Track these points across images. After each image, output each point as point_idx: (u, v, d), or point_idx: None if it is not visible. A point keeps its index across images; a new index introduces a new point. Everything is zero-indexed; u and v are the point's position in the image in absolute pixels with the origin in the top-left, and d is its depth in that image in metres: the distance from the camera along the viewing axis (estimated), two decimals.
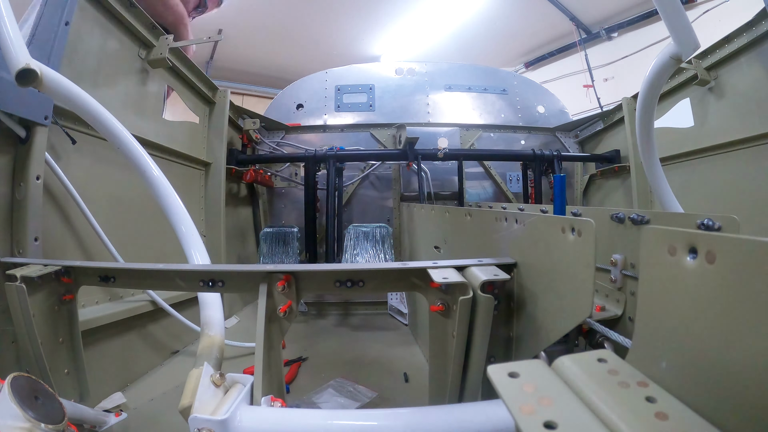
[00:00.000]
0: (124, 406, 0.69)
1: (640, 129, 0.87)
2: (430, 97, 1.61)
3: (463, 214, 0.70)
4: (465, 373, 0.46)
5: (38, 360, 0.53)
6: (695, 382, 0.22)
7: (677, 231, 0.24)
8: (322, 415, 0.41)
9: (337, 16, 3.23)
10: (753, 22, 0.91)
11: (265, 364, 0.45)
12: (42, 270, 0.52)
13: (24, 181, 0.63)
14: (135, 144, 0.66)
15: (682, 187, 1.10)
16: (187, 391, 0.39)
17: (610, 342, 0.44)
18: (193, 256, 0.63)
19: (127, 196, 0.88)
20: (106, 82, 0.83)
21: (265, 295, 0.47)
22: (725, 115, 1.02)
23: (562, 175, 1.27)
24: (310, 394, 0.75)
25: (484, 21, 3.34)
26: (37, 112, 0.63)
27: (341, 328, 1.22)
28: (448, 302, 0.45)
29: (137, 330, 0.85)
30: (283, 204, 1.55)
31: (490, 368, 0.24)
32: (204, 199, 1.24)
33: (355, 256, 1.17)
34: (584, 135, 1.59)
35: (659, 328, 0.25)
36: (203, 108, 1.25)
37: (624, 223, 0.51)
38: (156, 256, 0.95)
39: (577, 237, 0.36)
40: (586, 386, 0.23)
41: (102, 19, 0.81)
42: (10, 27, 0.51)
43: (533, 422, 0.20)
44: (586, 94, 3.13)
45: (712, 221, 0.42)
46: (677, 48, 0.71)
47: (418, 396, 0.76)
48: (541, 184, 1.40)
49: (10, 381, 0.38)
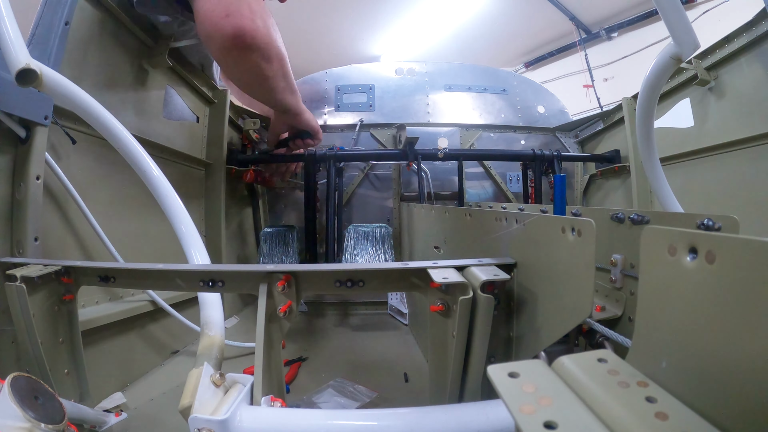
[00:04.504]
0: (124, 406, 0.69)
1: (640, 129, 0.87)
2: (430, 97, 1.61)
3: (463, 214, 0.70)
4: (465, 373, 0.46)
5: (38, 360, 0.53)
6: (695, 382, 0.22)
7: (677, 231, 0.24)
8: (322, 415, 0.41)
9: (337, 16, 3.23)
10: (753, 22, 0.91)
11: (265, 364, 0.45)
12: (42, 270, 0.53)
13: (24, 181, 0.63)
14: (135, 144, 0.66)
15: (682, 187, 1.10)
16: (187, 391, 0.39)
17: (610, 342, 0.44)
18: (193, 256, 0.64)
19: (127, 196, 0.88)
20: (106, 82, 0.83)
21: (265, 295, 0.47)
22: (725, 115, 1.02)
23: (562, 175, 1.27)
24: (310, 394, 0.75)
25: (484, 21, 3.34)
26: (37, 112, 0.63)
27: (341, 328, 1.22)
28: (448, 302, 0.45)
29: (137, 330, 0.85)
30: (283, 204, 1.55)
31: (490, 368, 0.24)
32: (204, 199, 1.24)
33: (355, 256, 1.17)
34: (584, 135, 1.59)
35: (659, 328, 0.26)
36: (203, 108, 1.25)
37: (624, 223, 0.51)
38: (156, 256, 0.95)
39: (577, 237, 0.36)
40: (586, 386, 0.23)
41: (102, 19, 0.81)
42: (10, 27, 0.51)
43: (533, 422, 0.20)
44: (586, 94, 3.14)
45: (712, 221, 0.42)
46: (677, 48, 0.71)
47: (418, 396, 0.76)
48: (541, 184, 1.40)
49: (10, 381, 0.38)
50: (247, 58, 0.81)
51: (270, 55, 0.84)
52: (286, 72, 0.94)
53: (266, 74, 0.87)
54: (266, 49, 0.82)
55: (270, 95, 0.98)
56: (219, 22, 0.75)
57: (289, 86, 0.99)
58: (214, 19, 0.75)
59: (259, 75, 0.87)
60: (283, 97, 1.00)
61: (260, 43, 0.79)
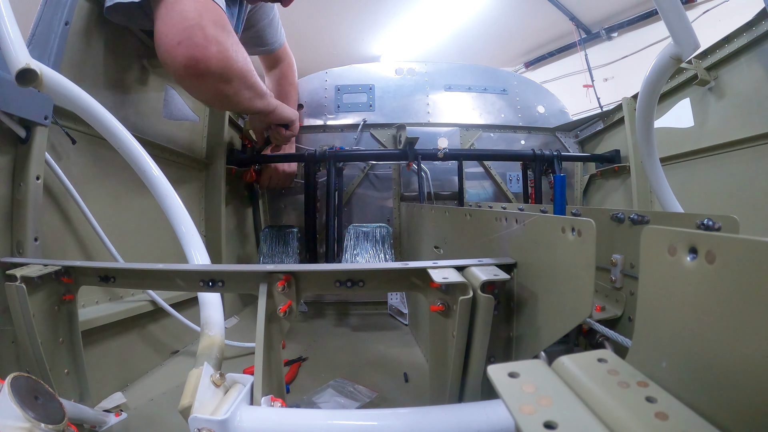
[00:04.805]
0: (124, 406, 0.69)
1: (640, 129, 0.87)
2: (430, 97, 1.61)
3: (463, 214, 0.70)
4: (465, 373, 0.46)
5: (38, 360, 0.53)
6: (695, 382, 0.22)
7: (677, 231, 0.24)
8: (322, 415, 0.41)
9: (337, 16, 3.23)
10: (753, 22, 0.91)
11: (265, 364, 0.45)
12: (42, 270, 0.53)
13: (24, 181, 0.63)
14: (135, 144, 0.66)
15: (682, 187, 1.10)
16: (187, 391, 0.39)
17: (610, 342, 0.44)
18: (193, 256, 0.64)
19: (127, 196, 0.88)
20: (106, 82, 0.83)
21: (265, 295, 0.47)
22: (725, 115, 1.02)
23: (562, 175, 1.27)
24: (310, 394, 0.75)
25: (484, 21, 3.34)
26: (37, 112, 0.63)
27: (341, 328, 1.22)
28: (448, 302, 0.45)
29: (137, 330, 0.85)
30: (283, 204, 1.55)
31: (490, 368, 0.24)
32: (204, 199, 1.24)
33: (355, 256, 1.17)
34: (584, 135, 1.59)
35: (659, 328, 0.26)
36: (203, 108, 1.25)
37: (624, 223, 0.51)
38: (156, 256, 0.95)
39: (577, 237, 0.36)
40: (586, 386, 0.23)
41: (102, 19, 0.81)
42: (10, 27, 0.51)
43: (533, 422, 0.20)
44: (586, 94, 3.13)
45: (712, 221, 0.42)
46: (677, 48, 0.71)
47: (418, 396, 0.76)
48: (541, 184, 1.40)
49: (10, 381, 0.38)
50: (204, 84, 0.79)
51: (228, 76, 0.81)
52: (251, 83, 0.91)
53: (226, 93, 0.85)
54: (222, 73, 0.79)
55: (237, 108, 0.97)
56: (171, 50, 0.73)
57: (256, 93, 0.96)
58: (167, 46, 0.73)
59: (219, 95, 0.85)
60: (251, 105, 0.99)
61: (214, 69, 0.76)
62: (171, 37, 0.73)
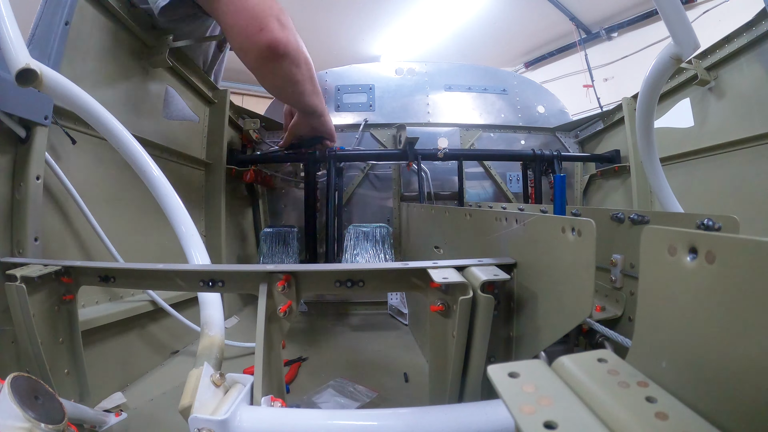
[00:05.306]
0: (124, 406, 0.69)
1: (640, 129, 0.87)
2: (430, 97, 1.61)
3: (463, 214, 0.70)
4: (465, 373, 0.46)
5: (38, 360, 0.53)
6: (695, 382, 0.22)
7: (677, 231, 0.24)
8: (322, 415, 0.41)
9: (337, 16, 3.23)
10: (753, 22, 0.91)
11: (265, 364, 0.45)
12: (42, 270, 0.53)
13: (24, 181, 0.63)
14: (135, 144, 0.66)
15: (682, 187, 1.10)
16: (187, 391, 0.39)
17: (610, 342, 0.44)
18: (193, 256, 0.63)
19: (127, 196, 0.88)
20: (106, 82, 0.83)
21: (265, 295, 0.47)
22: (725, 115, 1.02)
23: (562, 175, 1.27)
24: (310, 394, 0.75)
25: (484, 21, 3.34)
26: (37, 112, 0.63)
27: (341, 328, 1.22)
28: (448, 302, 0.45)
29: (137, 330, 0.85)
30: (283, 204, 1.55)
31: (490, 368, 0.24)
32: (204, 199, 1.24)
33: (355, 256, 1.17)
34: (584, 135, 1.59)
35: (659, 328, 0.26)
36: (203, 108, 1.25)
37: (624, 223, 0.51)
38: (156, 256, 0.95)
39: (577, 237, 0.36)
40: (586, 386, 0.23)
41: (102, 19, 0.81)
42: (10, 27, 0.51)
43: (533, 422, 0.20)
44: (586, 94, 3.14)
45: (712, 221, 0.42)
46: (677, 48, 0.71)
47: (418, 396, 0.76)
48: (541, 184, 1.40)
49: (10, 381, 0.38)
50: (281, 66, 0.88)
51: (299, 60, 0.91)
52: (312, 75, 1.01)
53: (297, 79, 0.94)
54: (296, 56, 0.89)
55: (299, 98, 1.04)
56: (254, 37, 0.83)
57: (315, 89, 1.05)
58: (249, 34, 0.83)
59: (290, 80, 0.93)
60: (311, 99, 1.06)
61: (291, 51, 0.87)
62: (253, 25, 0.82)
